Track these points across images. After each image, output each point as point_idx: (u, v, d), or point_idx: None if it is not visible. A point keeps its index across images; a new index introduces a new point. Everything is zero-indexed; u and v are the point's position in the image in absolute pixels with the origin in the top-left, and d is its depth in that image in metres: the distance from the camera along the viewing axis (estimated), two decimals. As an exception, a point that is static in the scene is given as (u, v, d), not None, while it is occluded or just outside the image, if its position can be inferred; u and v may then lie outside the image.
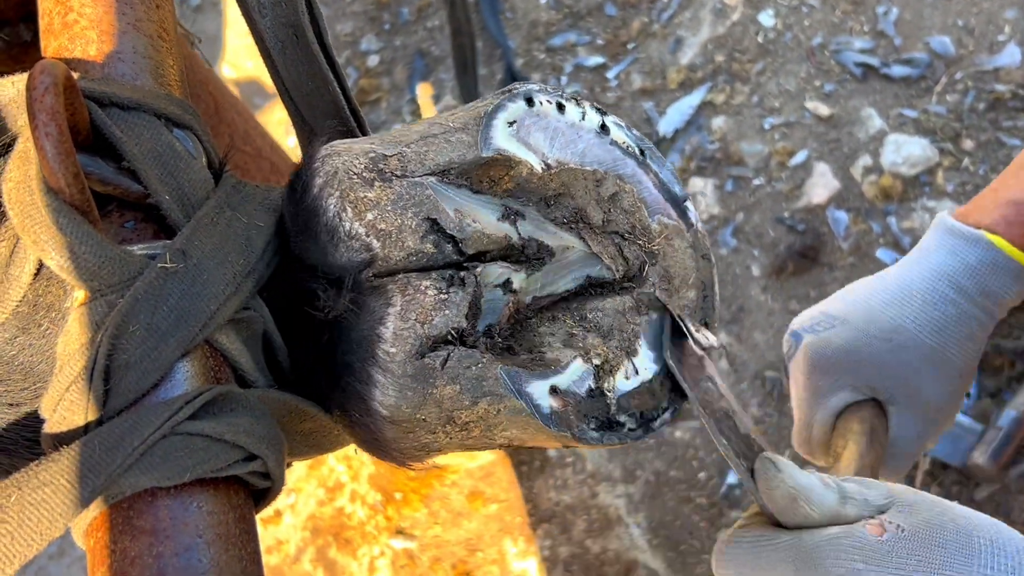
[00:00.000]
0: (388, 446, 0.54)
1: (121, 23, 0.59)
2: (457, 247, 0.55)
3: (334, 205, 0.53)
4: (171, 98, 0.56)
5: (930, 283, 0.82)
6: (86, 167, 0.51)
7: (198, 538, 0.46)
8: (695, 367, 0.62)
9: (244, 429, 0.49)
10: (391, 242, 0.53)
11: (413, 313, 0.52)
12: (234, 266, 0.52)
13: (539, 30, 2.06)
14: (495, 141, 0.57)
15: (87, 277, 0.48)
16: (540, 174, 0.58)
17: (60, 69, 0.47)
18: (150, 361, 0.48)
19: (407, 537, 1.75)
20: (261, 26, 0.60)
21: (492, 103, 0.57)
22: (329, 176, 0.54)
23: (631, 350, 0.60)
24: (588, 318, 0.60)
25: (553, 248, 0.59)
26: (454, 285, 0.54)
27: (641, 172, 0.63)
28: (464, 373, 0.53)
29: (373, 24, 2.16)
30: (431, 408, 0.53)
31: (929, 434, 0.84)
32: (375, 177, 0.54)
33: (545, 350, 0.58)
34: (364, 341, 0.52)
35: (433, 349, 0.53)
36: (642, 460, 1.72)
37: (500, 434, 0.56)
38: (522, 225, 0.58)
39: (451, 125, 0.57)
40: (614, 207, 0.61)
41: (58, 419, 0.48)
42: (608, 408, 0.58)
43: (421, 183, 0.54)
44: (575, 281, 0.61)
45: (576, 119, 0.60)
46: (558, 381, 0.56)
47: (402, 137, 0.56)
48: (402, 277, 0.53)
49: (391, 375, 0.52)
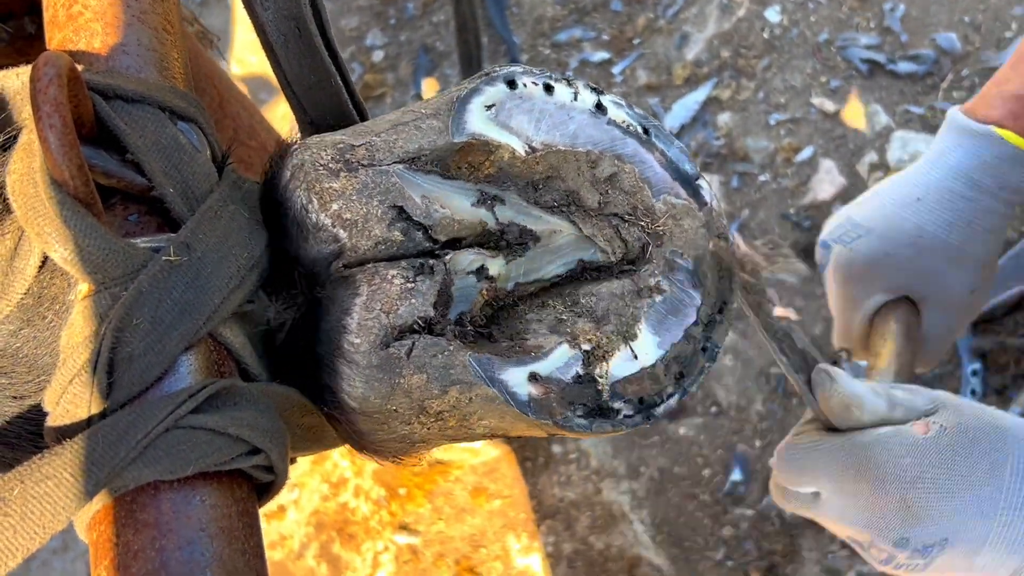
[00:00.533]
0: (365, 439, 0.54)
1: (126, 15, 0.59)
2: (428, 234, 0.54)
3: (300, 197, 0.53)
4: (176, 91, 0.56)
5: (948, 183, 0.85)
6: (90, 159, 0.51)
7: (201, 532, 0.46)
8: (753, 293, 0.63)
9: (247, 423, 0.49)
10: (358, 231, 0.52)
11: (378, 303, 0.52)
12: (238, 260, 0.52)
13: (544, 26, 2.06)
14: (469, 126, 0.56)
15: (91, 270, 0.48)
16: (524, 157, 0.57)
17: (64, 61, 0.47)
18: (154, 354, 0.48)
19: (411, 533, 1.75)
20: (263, 19, 0.60)
21: (467, 87, 0.57)
22: (295, 169, 0.53)
23: (629, 334, 0.59)
24: (581, 303, 0.59)
25: (538, 233, 0.58)
26: (422, 273, 0.53)
27: (644, 151, 0.61)
28: (430, 362, 0.52)
29: (378, 19, 2.16)
30: (400, 398, 0.52)
31: (960, 324, 0.90)
32: (341, 168, 0.53)
33: (528, 337, 0.57)
34: (332, 332, 0.52)
35: (399, 339, 0.52)
36: (646, 456, 1.72)
37: (478, 423, 0.55)
38: (501, 210, 0.57)
39: (423, 112, 0.56)
40: (612, 188, 0.60)
41: (61, 412, 0.48)
42: (599, 394, 0.57)
43: (387, 171, 0.54)
44: (565, 266, 0.59)
45: (566, 100, 0.59)
46: (539, 367, 0.55)
47: (374, 127, 0.56)
48: (371, 267, 0.52)
49: (356, 366, 0.52)
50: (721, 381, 1.74)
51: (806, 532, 1.64)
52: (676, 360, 0.60)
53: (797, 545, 1.64)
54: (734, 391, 1.73)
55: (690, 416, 1.73)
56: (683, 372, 0.60)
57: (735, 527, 1.66)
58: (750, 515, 1.66)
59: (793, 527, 1.64)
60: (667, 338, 0.60)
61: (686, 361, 0.60)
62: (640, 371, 0.59)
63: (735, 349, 1.76)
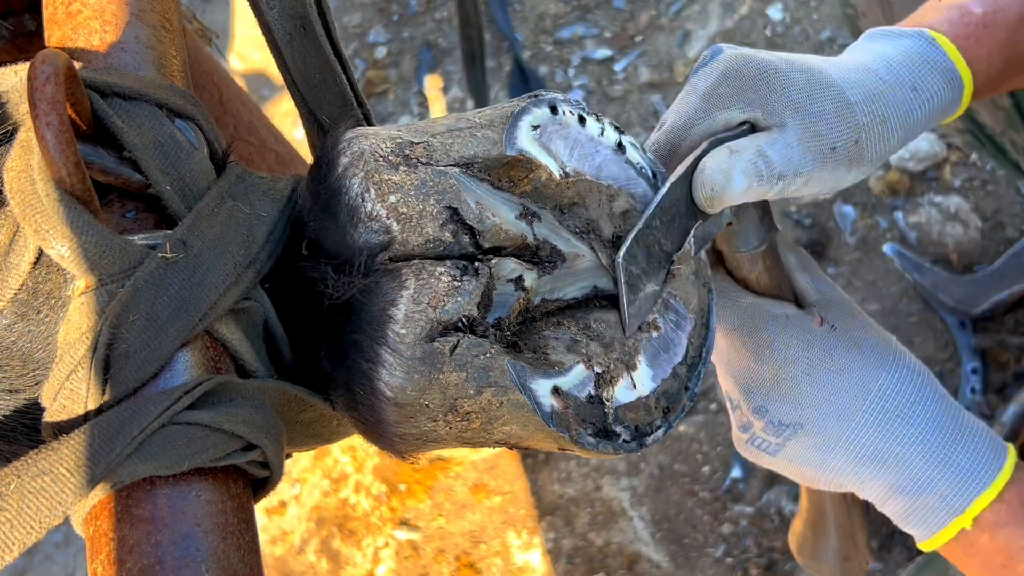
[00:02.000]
0: (388, 429, 0.55)
1: (124, 13, 0.59)
2: (474, 239, 0.55)
3: (358, 185, 0.53)
4: (174, 88, 0.56)
5: (866, 60, 0.76)
6: (87, 156, 0.51)
7: (196, 527, 0.47)
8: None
9: (243, 419, 0.49)
10: (411, 227, 0.53)
11: (426, 297, 0.53)
12: (235, 256, 0.52)
13: (547, 23, 2.06)
14: (519, 142, 0.57)
15: (88, 266, 0.48)
16: (558, 180, 0.59)
17: (61, 59, 0.47)
18: (150, 350, 0.48)
19: (411, 528, 1.75)
20: (269, 17, 0.61)
21: (519, 105, 0.58)
22: (355, 156, 0.54)
23: (631, 364, 0.61)
24: (592, 327, 0.61)
25: (565, 254, 0.60)
26: (468, 274, 0.54)
27: (652, 194, 0.64)
28: (472, 361, 0.53)
29: (381, 15, 2.16)
30: (435, 394, 0.53)
31: (821, 161, 0.72)
32: (400, 161, 0.54)
33: (549, 352, 0.58)
34: (375, 321, 0.52)
35: (443, 335, 0.53)
36: (646, 453, 1.72)
37: (499, 428, 0.56)
38: (538, 227, 0.59)
39: (478, 121, 0.58)
40: (624, 224, 0.62)
41: (58, 407, 0.49)
42: (606, 417, 0.59)
43: (446, 172, 0.55)
44: (582, 290, 0.61)
45: (595, 133, 0.61)
46: (561, 382, 0.57)
47: (429, 128, 0.57)
48: (417, 262, 0.53)
49: (400, 356, 0.52)
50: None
51: (805, 529, 1.64)
52: (664, 395, 0.63)
53: (796, 542, 1.64)
54: (734, 388, 1.73)
55: (690, 414, 1.73)
56: (669, 407, 0.63)
57: (735, 524, 1.66)
58: (749, 512, 1.66)
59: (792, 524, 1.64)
60: (659, 373, 0.62)
61: (672, 397, 0.63)
62: (637, 400, 0.61)
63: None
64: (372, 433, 0.56)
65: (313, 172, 0.55)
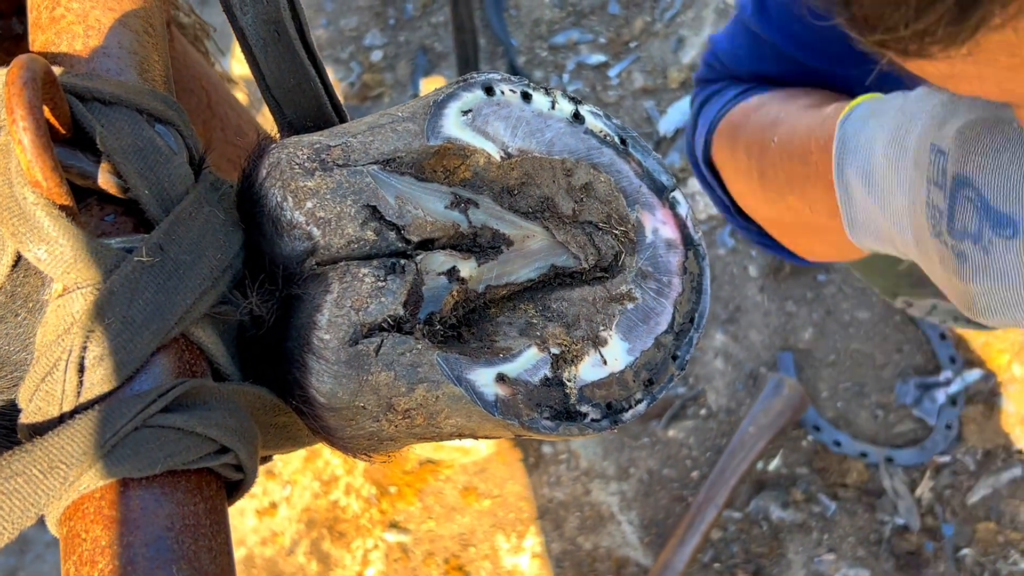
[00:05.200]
0: (334, 435, 0.55)
1: (108, 18, 0.59)
2: (401, 235, 0.55)
3: (275, 195, 0.54)
4: (155, 93, 0.57)
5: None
6: (66, 161, 0.51)
7: (168, 529, 0.47)
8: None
9: (216, 422, 0.49)
10: (331, 230, 0.53)
11: (348, 300, 0.53)
12: (211, 261, 0.52)
13: (542, 28, 2.06)
14: (445, 130, 0.57)
15: (64, 270, 0.49)
16: (499, 163, 0.58)
17: (39, 64, 0.48)
18: (125, 353, 0.49)
19: (401, 531, 1.75)
20: (242, 23, 0.61)
21: (444, 92, 0.57)
22: (271, 167, 0.54)
23: (599, 340, 0.59)
24: (552, 308, 0.59)
25: (511, 237, 0.59)
26: (393, 273, 0.54)
27: (621, 161, 0.62)
28: (399, 359, 0.53)
29: (378, 19, 2.17)
30: (368, 395, 0.53)
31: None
32: (316, 167, 0.54)
33: (498, 339, 0.58)
34: (303, 328, 0.53)
35: (368, 336, 0.53)
36: (636, 458, 1.72)
37: (445, 422, 0.55)
38: (474, 213, 0.58)
39: (399, 115, 0.57)
40: (588, 196, 0.61)
41: (34, 409, 0.49)
42: (567, 398, 0.58)
43: (362, 171, 0.55)
44: (538, 271, 0.60)
45: (544, 108, 0.60)
46: (506, 369, 0.56)
47: (351, 128, 0.57)
48: (343, 265, 0.53)
49: (325, 361, 0.52)
50: (711, 384, 1.75)
51: (793, 535, 1.64)
52: (646, 367, 0.60)
53: (784, 548, 1.64)
54: (724, 394, 1.74)
55: (680, 419, 1.74)
56: (652, 379, 0.61)
57: (723, 529, 1.66)
58: (737, 518, 1.67)
59: (780, 530, 1.65)
60: (637, 345, 0.60)
61: (656, 368, 0.61)
62: (609, 376, 0.59)
63: (725, 352, 1.76)
64: (325, 438, 0.56)
65: (239, 186, 0.56)
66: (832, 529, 1.64)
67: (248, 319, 0.55)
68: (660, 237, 0.62)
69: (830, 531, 1.64)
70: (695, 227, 0.63)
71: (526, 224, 0.60)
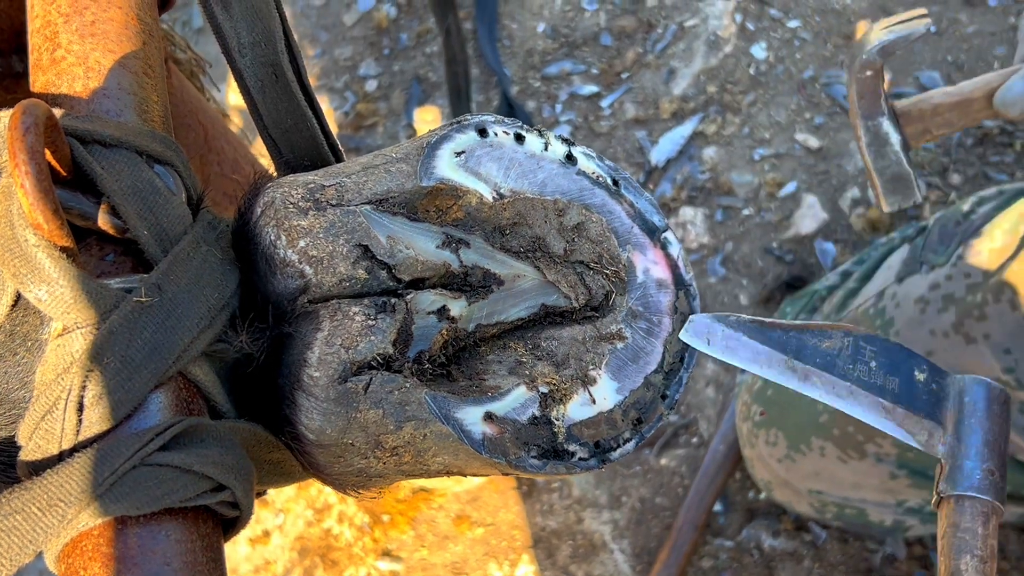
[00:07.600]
0: (323, 471, 0.56)
1: (107, 60, 0.60)
2: (392, 274, 0.56)
3: (269, 234, 0.55)
4: (154, 135, 0.58)
5: None
6: (66, 202, 0.52)
7: (166, 566, 0.48)
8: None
9: (213, 460, 0.50)
10: (323, 268, 0.54)
11: (339, 338, 0.53)
12: (208, 300, 0.53)
13: (535, 59, 2.08)
14: (438, 171, 0.58)
15: (64, 310, 0.50)
16: (491, 203, 0.59)
17: (41, 110, 0.49)
18: (123, 392, 0.50)
19: (393, 559, 1.75)
20: (241, 65, 0.62)
21: (438, 134, 0.59)
22: (266, 206, 0.55)
23: (588, 379, 0.60)
24: (542, 346, 0.60)
25: (502, 276, 0.60)
26: (384, 311, 0.55)
27: (613, 202, 0.63)
28: (387, 398, 0.54)
29: (372, 49, 2.19)
30: (357, 432, 0.54)
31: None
32: (310, 206, 0.55)
33: (488, 377, 0.58)
34: (293, 366, 0.54)
35: (357, 374, 0.53)
36: (628, 487, 1.73)
37: (432, 460, 0.56)
38: (465, 253, 0.59)
39: (393, 156, 0.58)
40: (579, 236, 0.62)
41: (33, 447, 0.50)
42: (555, 436, 0.58)
43: (354, 211, 0.56)
44: (528, 310, 0.61)
45: (537, 150, 0.61)
46: (494, 408, 0.57)
47: (345, 168, 0.58)
48: (334, 303, 0.54)
49: (314, 399, 0.53)
50: (703, 412, 1.76)
51: (784, 564, 1.65)
52: (635, 406, 0.61)
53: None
54: (715, 423, 1.74)
55: (672, 447, 1.74)
56: (641, 418, 0.61)
57: (714, 558, 1.67)
58: (729, 546, 1.67)
59: (771, 559, 1.65)
60: (627, 384, 0.61)
61: (645, 407, 0.61)
62: (597, 415, 0.60)
63: (716, 381, 1.77)
64: (315, 474, 0.57)
65: (234, 223, 0.57)
66: (823, 557, 1.65)
67: (241, 356, 0.55)
68: (651, 277, 0.63)
69: (821, 559, 1.65)
70: (686, 267, 0.64)
71: (517, 264, 0.61)
